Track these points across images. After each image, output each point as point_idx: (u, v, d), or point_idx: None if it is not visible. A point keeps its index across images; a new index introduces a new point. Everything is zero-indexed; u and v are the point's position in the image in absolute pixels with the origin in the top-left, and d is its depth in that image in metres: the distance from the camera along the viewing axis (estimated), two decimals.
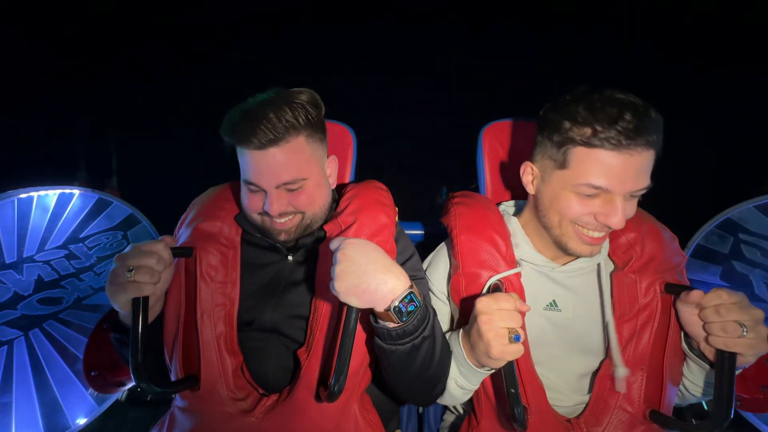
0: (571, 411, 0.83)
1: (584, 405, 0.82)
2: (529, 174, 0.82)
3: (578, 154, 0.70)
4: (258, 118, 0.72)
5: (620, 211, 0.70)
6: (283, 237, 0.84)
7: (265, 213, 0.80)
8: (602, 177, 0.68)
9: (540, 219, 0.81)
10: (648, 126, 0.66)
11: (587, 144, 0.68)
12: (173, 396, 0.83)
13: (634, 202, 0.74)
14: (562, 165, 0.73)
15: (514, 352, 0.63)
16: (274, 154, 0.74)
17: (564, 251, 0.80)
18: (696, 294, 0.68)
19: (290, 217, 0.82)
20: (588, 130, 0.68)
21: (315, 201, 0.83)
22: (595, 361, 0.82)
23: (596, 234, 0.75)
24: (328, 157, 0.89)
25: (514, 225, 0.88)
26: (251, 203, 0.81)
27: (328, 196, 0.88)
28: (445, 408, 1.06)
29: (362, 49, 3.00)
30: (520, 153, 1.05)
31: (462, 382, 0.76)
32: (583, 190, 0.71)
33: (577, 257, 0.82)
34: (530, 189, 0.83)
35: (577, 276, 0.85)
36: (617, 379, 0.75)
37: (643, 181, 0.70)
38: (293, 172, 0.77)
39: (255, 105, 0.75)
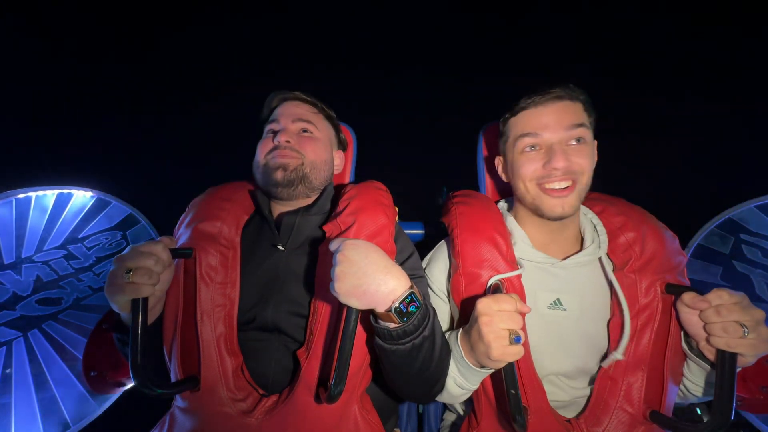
0: (568, 405, 0.83)
1: (580, 399, 0.83)
2: (500, 165, 0.94)
3: (511, 122, 0.87)
4: (294, 90, 1.00)
5: (559, 153, 0.79)
6: (279, 175, 0.89)
7: (272, 148, 0.92)
8: (529, 126, 0.82)
9: (519, 200, 0.88)
10: (556, 88, 0.81)
11: (514, 113, 0.85)
12: (173, 396, 0.82)
13: (583, 149, 0.80)
14: (506, 136, 0.88)
15: (515, 353, 0.63)
16: (299, 104, 0.98)
17: (542, 216, 0.84)
18: (701, 304, 0.68)
19: (293, 152, 0.91)
20: (516, 106, 0.85)
21: (318, 155, 0.95)
22: (597, 357, 0.82)
23: (557, 185, 0.80)
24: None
25: (511, 223, 0.88)
26: (263, 146, 0.94)
27: (329, 169, 1.00)
28: (445, 407, 1.06)
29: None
30: None
31: (461, 381, 0.75)
32: (522, 144, 0.83)
33: (557, 219, 0.83)
34: (505, 177, 0.93)
35: (578, 270, 0.84)
36: (609, 359, 0.78)
37: (568, 121, 0.80)
38: (309, 116, 0.98)
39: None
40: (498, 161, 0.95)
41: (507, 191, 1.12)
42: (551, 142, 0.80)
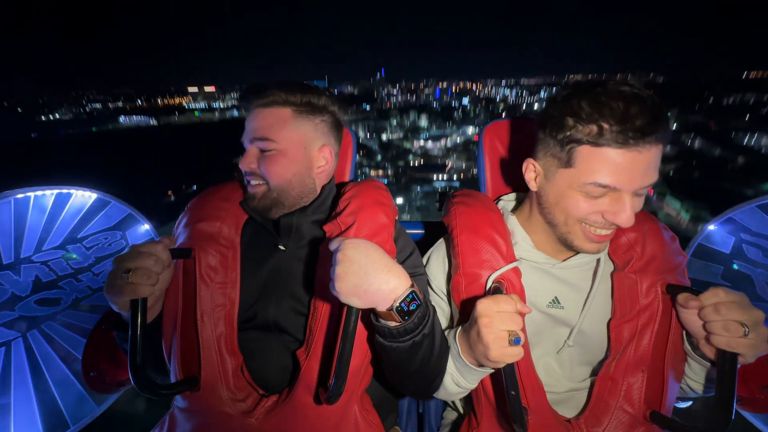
0: (564, 399, 0.83)
1: (576, 392, 0.83)
2: (531, 171, 0.79)
3: (584, 152, 0.68)
4: (262, 87, 0.86)
5: (629, 209, 0.68)
6: (253, 203, 0.88)
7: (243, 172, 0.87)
8: (610, 175, 0.66)
9: (544, 216, 0.80)
10: (656, 121, 0.63)
11: (593, 143, 0.66)
12: (173, 396, 0.82)
13: (642, 198, 0.72)
14: (567, 163, 0.70)
15: (514, 354, 0.62)
16: (258, 113, 0.86)
17: (569, 248, 0.80)
18: (693, 303, 0.67)
19: (258, 182, 0.86)
20: (593, 128, 0.65)
21: (283, 175, 0.85)
22: (595, 356, 0.82)
23: (603, 232, 0.74)
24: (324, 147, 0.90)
25: (512, 222, 0.88)
26: (241, 164, 0.87)
27: (304, 181, 0.88)
28: (446, 406, 1.06)
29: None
30: (518, 150, 1.06)
31: (458, 379, 0.75)
32: (590, 190, 0.69)
33: (580, 253, 0.81)
34: (533, 186, 0.80)
35: (578, 271, 0.84)
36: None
37: (651, 177, 0.68)
38: (265, 130, 0.84)
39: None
40: (528, 166, 0.79)
41: (507, 189, 1.11)
42: (621, 191, 0.68)
